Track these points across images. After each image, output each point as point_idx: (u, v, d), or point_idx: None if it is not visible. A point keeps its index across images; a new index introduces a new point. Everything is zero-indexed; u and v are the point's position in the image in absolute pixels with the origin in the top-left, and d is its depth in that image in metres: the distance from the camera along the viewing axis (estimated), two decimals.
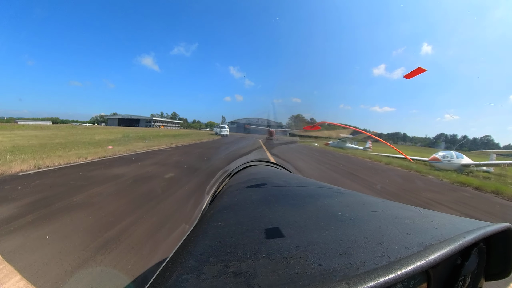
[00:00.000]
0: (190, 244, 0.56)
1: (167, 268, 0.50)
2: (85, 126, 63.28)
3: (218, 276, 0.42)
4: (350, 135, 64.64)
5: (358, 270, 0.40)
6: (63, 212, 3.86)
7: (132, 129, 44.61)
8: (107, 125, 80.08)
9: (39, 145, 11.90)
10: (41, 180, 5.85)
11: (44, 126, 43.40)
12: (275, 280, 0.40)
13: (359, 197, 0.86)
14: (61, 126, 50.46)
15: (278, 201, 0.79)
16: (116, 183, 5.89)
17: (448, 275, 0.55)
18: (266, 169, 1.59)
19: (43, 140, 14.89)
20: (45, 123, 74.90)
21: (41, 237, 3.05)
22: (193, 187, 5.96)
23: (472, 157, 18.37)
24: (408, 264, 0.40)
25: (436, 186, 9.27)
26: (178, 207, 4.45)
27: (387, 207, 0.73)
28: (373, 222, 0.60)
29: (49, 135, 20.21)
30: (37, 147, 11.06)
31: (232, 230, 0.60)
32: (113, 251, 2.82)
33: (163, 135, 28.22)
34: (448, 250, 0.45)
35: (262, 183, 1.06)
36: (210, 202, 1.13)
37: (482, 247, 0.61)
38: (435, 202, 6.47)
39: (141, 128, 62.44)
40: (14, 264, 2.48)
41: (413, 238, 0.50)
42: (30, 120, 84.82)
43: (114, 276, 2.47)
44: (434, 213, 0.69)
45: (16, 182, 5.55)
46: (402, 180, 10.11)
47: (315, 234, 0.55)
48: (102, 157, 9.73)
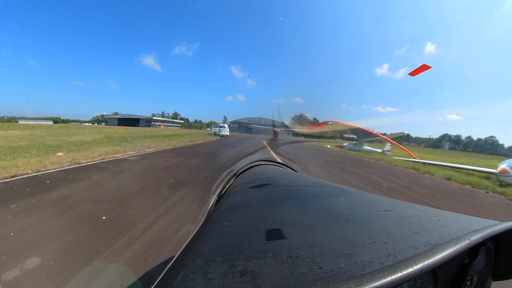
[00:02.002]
0: (197, 244, 0.56)
1: (173, 268, 0.51)
2: (79, 126, 62.43)
3: (225, 276, 0.42)
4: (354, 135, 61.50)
5: (364, 269, 0.40)
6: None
7: (125, 129, 42.61)
8: (107, 125, 79.16)
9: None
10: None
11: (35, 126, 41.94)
12: (281, 279, 0.40)
13: (365, 196, 0.86)
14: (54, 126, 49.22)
15: (283, 201, 0.80)
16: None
17: (455, 275, 0.55)
18: (271, 168, 1.58)
19: (5, 142, 13.12)
20: (45, 123, 74.82)
21: None
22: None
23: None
24: (414, 263, 0.40)
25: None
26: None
27: (393, 206, 0.73)
28: (379, 222, 0.60)
29: (27, 135, 18.76)
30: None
31: (238, 230, 0.60)
32: None
33: (151, 135, 25.87)
34: (455, 250, 0.45)
35: (268, 183, 1.07)
36: (216, 202, 1.15)
37: (490, 246, 0.61)
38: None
39: (140, 128, 60.85)
40: None
41: (419, 238, 0.50)
42: (32, 119, 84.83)
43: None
44: (441, 212, 0.69)
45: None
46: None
47: (320, 233, 0.55)
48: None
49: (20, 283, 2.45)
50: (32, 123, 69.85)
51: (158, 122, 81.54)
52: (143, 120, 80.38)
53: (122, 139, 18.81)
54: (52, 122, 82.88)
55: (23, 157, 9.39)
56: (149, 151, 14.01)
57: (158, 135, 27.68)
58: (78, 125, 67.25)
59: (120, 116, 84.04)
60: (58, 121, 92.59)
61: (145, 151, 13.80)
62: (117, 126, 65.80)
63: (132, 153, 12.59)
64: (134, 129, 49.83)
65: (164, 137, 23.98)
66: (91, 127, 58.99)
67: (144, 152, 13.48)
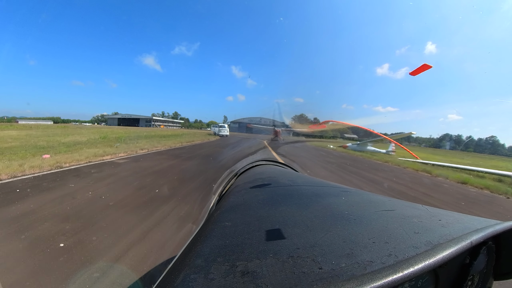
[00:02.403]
0: (198, 244, 0.56)
1: (174, 268, 0.51)
2: (78, 126, 62.16)
3: (226, 276, 0.42)
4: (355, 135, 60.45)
5: (365, 269, 0.40)
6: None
7: (124, 129, 41.81)
8: (107, 125, 78.67)
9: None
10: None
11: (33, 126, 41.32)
12: (282, 279, 0.40)
13: (366, 196, 0.85)
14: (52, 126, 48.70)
15: (284, 201, 0.80)
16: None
17: (457, 275, 0.55)
18: (272, 168, 1.57)
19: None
20: (45, 123, 74.61)
21: None
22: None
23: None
24: (415, 263, 0.40)
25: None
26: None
27: (394, 206, 0.72)
28: (380, 221, 0.59)
29: (22, 135, 18.24)
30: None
31: (239, 230, 0.60)
32: None
33: (148, 135, 25.11)
34: (456, 249, 0.44)
35: (268, 183, 1.06)
36: (217, 202, 1.14)
37: (491, 246, 0.60)
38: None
39: (139, 128, 60.16)
40: None
41: (420, 237, 0.50)
42: (32, 119, 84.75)
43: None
44: (442, 211, 0.69)
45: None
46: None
47: (321, 233, 0.55)
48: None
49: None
50: (32, 123, 69.88)
51: (158, 122, 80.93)
52: (143, 120, 79.78)
53: (117, 140, 18.01)
54: (52, 122, 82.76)
55: (8, 160, 8.63)
56: (142, 152, 13.14)
57: (156, 135, 26.82)
58: (77, 125, 67.04)
59: (120, 116, 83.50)
60: (58, 121, 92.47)
61: (138, 152, 12.94)
62: (116, 126, 65.35)
63: (123, 155, 11.73)
64: (133, 129, 49.00)
65: (161, 138, 23.10)
66: (90, 127, 58.72)
67: (136, 154, 12.60)
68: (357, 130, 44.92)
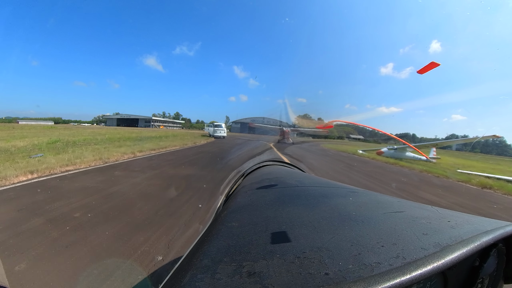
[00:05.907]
0: (205, 244, 0.56)
1: (181, 268, 0.51)
2: (76, 126, 61.36)
3: (232, 276, 0.42)
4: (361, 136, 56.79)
5: (372, 271, 0.39)
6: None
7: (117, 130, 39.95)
8: (106, 125, 77.58)
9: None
10: None
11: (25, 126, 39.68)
12: (289, 280, 0.39)
13: (374, 197, 0.84)
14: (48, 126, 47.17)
15: (291, 202, 0.79)
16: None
17: (466, 277, 0.54)
18: (279, 169, 1.57)
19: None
20: (46, 123, 73.85)
21: None
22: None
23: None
24: (424, 265, 0.39)
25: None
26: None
27: (403, 207, 0.71)
28: (388, 222, 0.59)
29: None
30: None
31: (246, 230, 0.60)
32: None
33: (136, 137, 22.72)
34: (466, 251, 0.44)
35: (275, 184, 1.06)
36: (224, 202, 1.15)
37: (502, 248, 0.59)
38: None
39: (136, 128, 58.38)
40: None
41: (429, 239, 0.49)
42: (33, 120, 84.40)
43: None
44: (452, 212, 0.67)
45: None
46: None
47: (328, 234, 0.54)
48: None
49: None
50: (32, 123, 69.10)
51: (158, 123, 79.55)
52: (142, 121, 78.55)
53: (104, 141, 16.14)
54: (53, 123, 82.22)
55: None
56: (95, 166, 8.30)
57: (145, 136, 24.51)
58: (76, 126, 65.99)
59: (119, 116, 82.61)
60: (59, 122, 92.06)
61: (90, 165, 8.21)
62: (114, 126, 63.96)
63: (71, 168, 7.51)
64: (129, 129, 46.74)
65: (148, 140, 20.78)
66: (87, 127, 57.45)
67: (89, 166, 8.04)
68: (363, 130, 42.13)
